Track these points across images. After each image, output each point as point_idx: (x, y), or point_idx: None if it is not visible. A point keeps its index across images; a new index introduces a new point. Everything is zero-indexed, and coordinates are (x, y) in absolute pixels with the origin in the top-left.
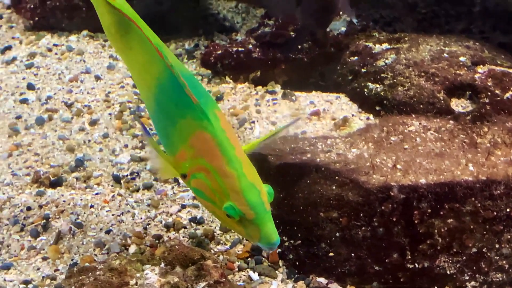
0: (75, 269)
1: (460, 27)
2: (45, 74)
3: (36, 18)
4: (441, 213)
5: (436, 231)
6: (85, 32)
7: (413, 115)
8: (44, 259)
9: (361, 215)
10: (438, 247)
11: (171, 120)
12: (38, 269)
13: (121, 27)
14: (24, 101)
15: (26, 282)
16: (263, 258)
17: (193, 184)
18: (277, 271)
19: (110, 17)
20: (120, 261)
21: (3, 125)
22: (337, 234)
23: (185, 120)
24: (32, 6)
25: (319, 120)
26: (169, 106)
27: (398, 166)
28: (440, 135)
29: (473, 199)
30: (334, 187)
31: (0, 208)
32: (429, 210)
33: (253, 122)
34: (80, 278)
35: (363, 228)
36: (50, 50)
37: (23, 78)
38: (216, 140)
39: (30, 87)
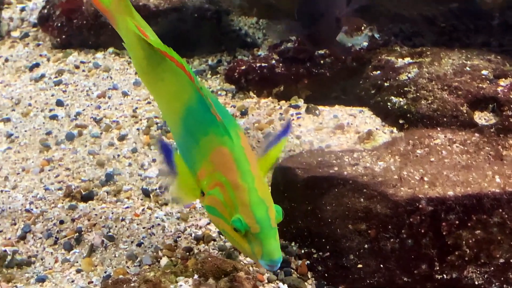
0: (109, 281)
1: (480, 40)
2: (74, 91)
3: (63, 36)
4: (469, 224)
5: (464, 242)
6: (111, 49)
7: (439, 128)
8: (78, 271)
9: (390, 227)
10: (466, 258)
11: (195, 139)
12: (73, 281)
13: (153, 60)
14: (54, 117)
15: None
16: (292, 270)
17: (207, 202)
18: (306, 283)
19: (143, 52)
20: (154, 273)
21: (34, 140)
22: (366, 246)
23: (208, 136)
24: (59, 24)
25: (343, 133)
26: (194, 126)
27: (426, 179)
28: (465, 148)
29: (500, 210)
30: (362, 199)
31: (33, 222)
32: (457, 222)
33: None
34: None
35: (392, 240)
36: (77, 67)
37: (52, 95)
38: (233, 155)
39: (59, 103)
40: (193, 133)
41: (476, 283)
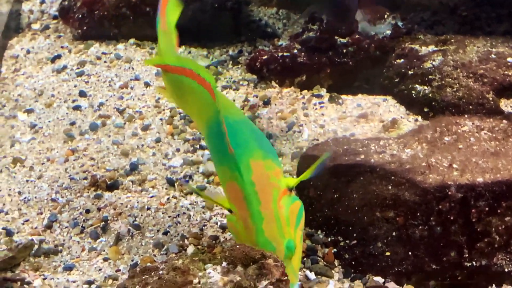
0: (137, 269)
1: (502, 29)
2: (96, 82)
3: (84, 28)
4: (499, 211)
5: (493, 229)
6: (132, 40)
7: (466, 116)
8: (105, 260)
9: (418, 214)
10: (496, 245)
11: (217, 160)
12: (100, 269)
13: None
14: (77, 108)
15: (89, 283)
16: (319, 258)
17: (228, 223)
18: (333, 271)
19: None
20: (183, 261)
21: (58, 131)
22: (394, 233)
23: (223, 167)
24: (80, 16)
25: (367, 122)
26: (215, 147)
27: (454, 166)
28: (494, 135)
29: None
30: (390, 187)
31: (59, 211)
32: (487, 209)
33: (301, 125)
34: (144, 277)
35: (420, 227)
36: (99, 58)
37: (75, 86)
38: (244, 193)
39: (82, 94)
40: (216, 153)
41: (506, 270)
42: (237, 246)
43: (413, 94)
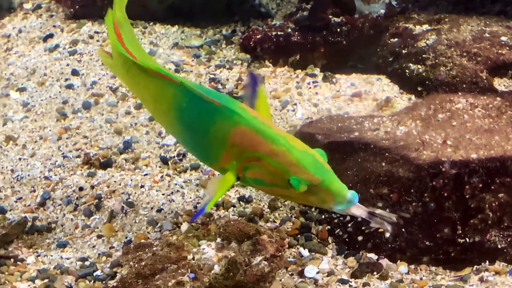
0: (131, 245)
1: (496, 9)
2: (89, 61)
3: (77, 7)
4: (492, 187)
5: (487, 205)
6: None
7: (460, 93)
8: (99, 237)
9: (412, 190)
10: (489, 222)
11: (202, 133)
12: (94, 246)
13: (129, 68)
14: (70, 86)
15: (83, 259)
16: (313, 235)
17: (249, 175)
18: (326, 248)
19: (122, 62)
20: (177, 237)
21: (50, 109)
22: (388, 210)
23: (216, 125)
24: None
25: (360, 101)
26: (194, 122)
27: (448, 142)
28: (487, 112)
29: None
30: (384, 163)
31: (52, 189)
32: (481, 185)
33: (295, 104)
34: (138, 254)
35: (414, 203)
36: (91, 37)
37: (67, 65)
38: (253, 128)
39: (75, 73)
40: (196, 128)
41: (499, 246)
42: (232, 222)
43: (407, 73)
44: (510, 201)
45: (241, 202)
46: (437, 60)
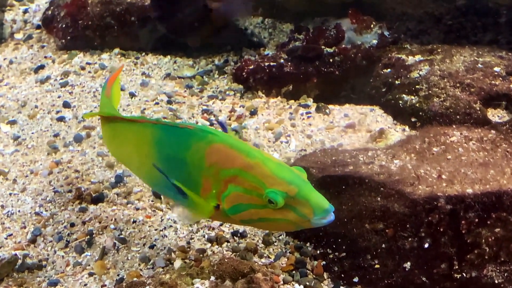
0: (124, 284)
1: (487, 38)
2: (80, 92)
3: (68, 37)
4: (488, 222)
5: (483, 240)
6: (116, 50)
7: (454, 126)
8: (91, 275)
9: (408, 226)
10: (486, 257)
11: (180, 164)
12: (85, 285)
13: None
14: (61, 119)
15: None
16: (308, 271)
17: (227, 205)
18: (322, 283)
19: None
20: (170, 275)
21: (41, 142)
22: (383, 245)
23: (192, 149)
24: (64, 26)
25: (354, 132)
26: (173, 153)
27: (443, 177)
28: (482, 145)
29: None
30: (379, 198)
31: (43, 225)
32: (476, 220)
33: (289, 135)
34: None
35: (410, 239)
36: (83, 68)
37: (59, 97)
38: (227, 144)
39: (66, 105)
40: (174, 160)
41: (496, 281)
42: (226, 260)
43: (400, 104)
44: (507, 236)
45: (235, 237)
46: (430, 91)
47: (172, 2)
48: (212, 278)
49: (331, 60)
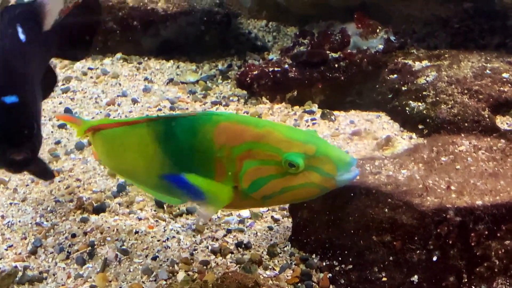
0: None
1: (495, 41)
2: (82, 98)
3: None
4: (498, 234)
5: (493, 253)
6: (119, 55)
7: (462, 134)
8: (92, 287)
9: (416, 238)
10: (496, 269)
11: (189, 153)
12: None
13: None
14: (62, 126)
15: None
16: (314, 283)
17: (246, 183)
18: None
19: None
20: None
21: (42, 150)
22: (391, 258)
23: (199, 134)
24: None
25: (360, 140)
26: (179, 144)
27: (452, 188)
28: (492, 155)
29: None
30: (386, 210)
31: (44, 236)
32: (486, 232)
33: None
34: None
35: (418, 251)
36: (85, 74)
37: (60, 103)
38: (234, 121)
39: (68, 111)
40: (181, 151)
41: None
42: (230, 274)
43: (407, 111)
44: None
45: (239, 248)
46: (437, 98)
47: None
48: None
49: (336, 65)
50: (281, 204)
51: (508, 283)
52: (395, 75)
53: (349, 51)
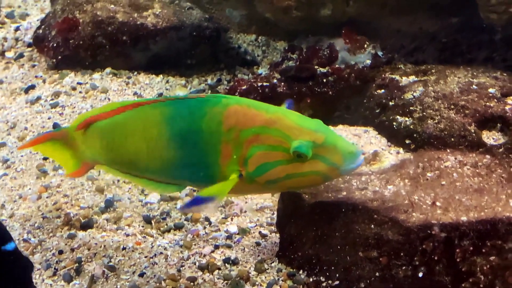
0: None
1: (483, 55)
2: (71, 113)
3: (59, 57)
4: (483, 250)
5: (478, 269)
6: (108, 69)
7: (448, 150)
8: None
9: (402, 254)
10: (481, 285)
11: (195, 135)
12: None
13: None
14: None
15: None
16: None
17: (252, 167)
18: None
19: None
20: None
21: (30, 166)
22: (377, 273)
23: (207, 116)
24: (55, 45)
25: None
26: (187, 126)
27: (438, 203)
28: (477, 170)
29: None
30: (372, 226)
31: (31, 252)
32: (471, 248)
33: None
34: None
35: (404, 267)
36: (74, 88)
37: (49, 118)
38: (244, 104)
39: (56, 127)
40: (190, 133)
41: None
42: None
43: (395, 126)
44: (502, 264)
45: (226, 264)
46: (424, 113)
47: None
48: None
49: (324, 80)
50: (283, 190)
51: None
52: (383, 90)
53: (337, 66)
